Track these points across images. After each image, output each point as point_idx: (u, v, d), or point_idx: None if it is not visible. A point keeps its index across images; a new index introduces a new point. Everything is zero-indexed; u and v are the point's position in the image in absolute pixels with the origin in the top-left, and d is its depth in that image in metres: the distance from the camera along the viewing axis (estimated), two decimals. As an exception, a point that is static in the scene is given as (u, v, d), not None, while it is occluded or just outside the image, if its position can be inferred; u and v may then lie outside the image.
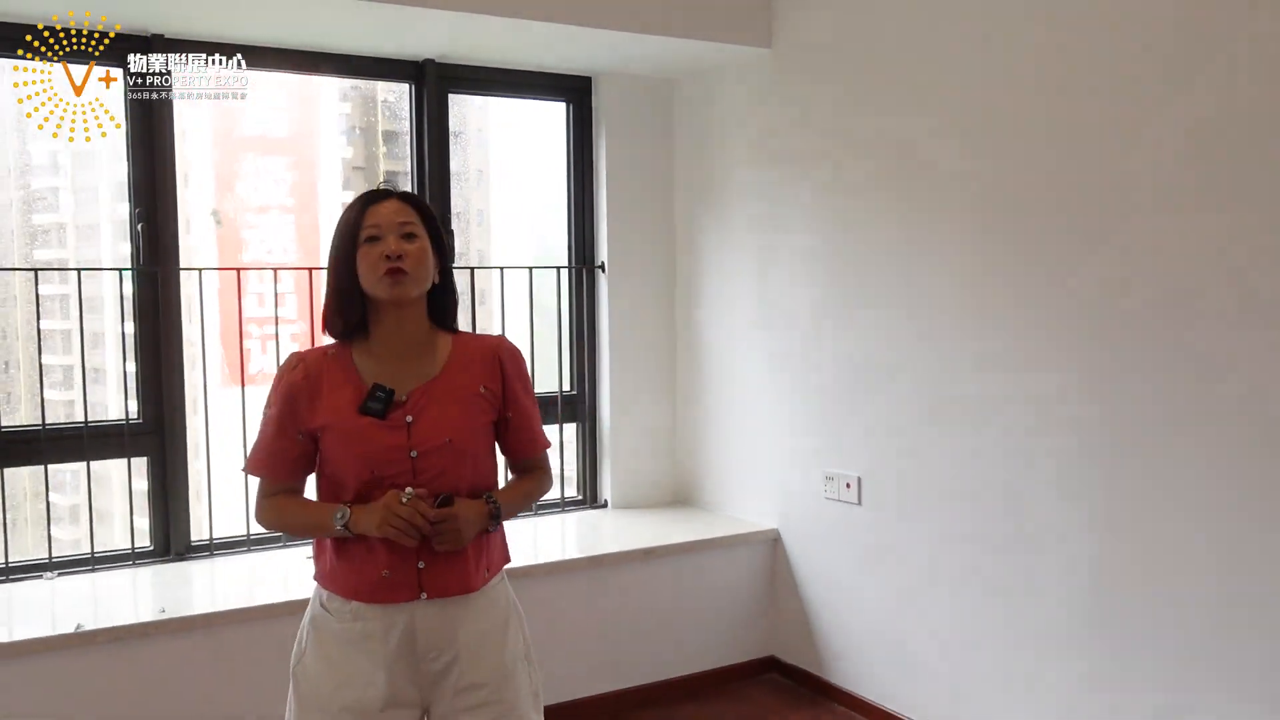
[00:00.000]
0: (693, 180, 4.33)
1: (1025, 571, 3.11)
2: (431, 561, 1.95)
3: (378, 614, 1.95)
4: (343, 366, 2.01)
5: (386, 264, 1.93)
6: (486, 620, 2.01)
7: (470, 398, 2.02)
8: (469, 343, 2.10)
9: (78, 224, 3.93)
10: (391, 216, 1.98)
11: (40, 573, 3.43)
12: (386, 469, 1.94)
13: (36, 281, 3.46)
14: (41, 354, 3.45)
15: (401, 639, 1.95)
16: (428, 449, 1.96)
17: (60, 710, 2.91)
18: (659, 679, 3.86)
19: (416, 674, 1.97)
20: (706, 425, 4.34)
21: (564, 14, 3.52)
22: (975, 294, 3.21)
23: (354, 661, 1.96)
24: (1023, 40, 3.05)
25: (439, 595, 1.96)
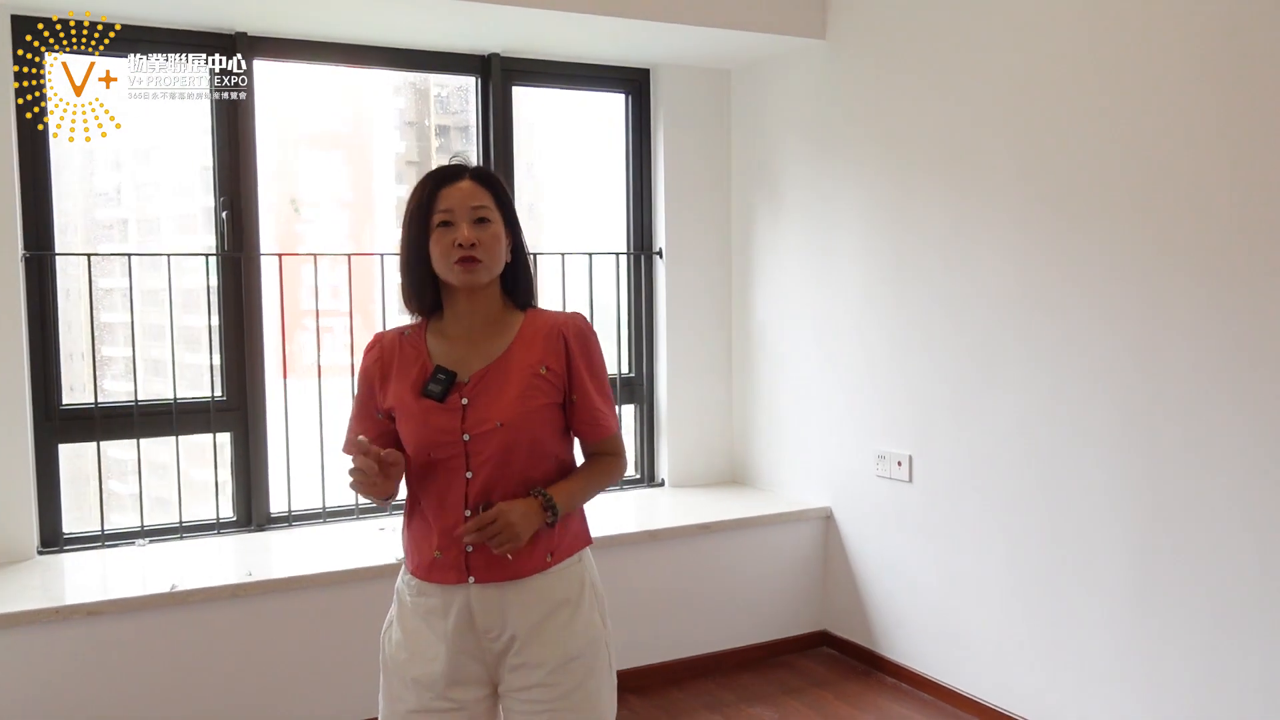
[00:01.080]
0: (748, 168, 4.46)
1: (1071, 547, 3.20)
2: (479, 546, 1.92)
3: (436, 592, 1.95)
4: (414, 347, 2.00)
5: (459, 252, 1.90)
6: (546, 602, 1.94)
7: (529, 379, 1.95)
8: (537, 320, 2.02)
9: (139, 219, 4.13)
10: (464, 200, 1.93)
11: (132, 540, 3.66)
12: (440, 452, 1.93)
13: (130, 269, 3.67)
14: (135, 339, 3.67)
15: (459, 617, 1.93)
16: (480, 432, 1.91)
17: (157, 662, 3.12)
18: (716, 649, 3.99)
19: (480, 650, 1.95)
20: (761, 406, 4.47)
21: (624, 8, 3.65)
22: (1022, 275, 3.30)
23: (421, 635, 1.96)
24: (1069, 29, 3.13)
25: (486, 580, 1.93)
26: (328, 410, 3.95)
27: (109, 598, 3.09)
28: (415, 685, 1.95)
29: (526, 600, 1.93)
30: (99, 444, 3.63)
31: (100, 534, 3.62)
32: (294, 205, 4.17)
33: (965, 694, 3.58)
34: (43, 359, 3.52)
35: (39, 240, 3.49)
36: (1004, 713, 3.44)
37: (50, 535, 3.56)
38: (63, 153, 3.56)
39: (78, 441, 3.60)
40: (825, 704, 3.68)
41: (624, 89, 4.47)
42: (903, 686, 3.80)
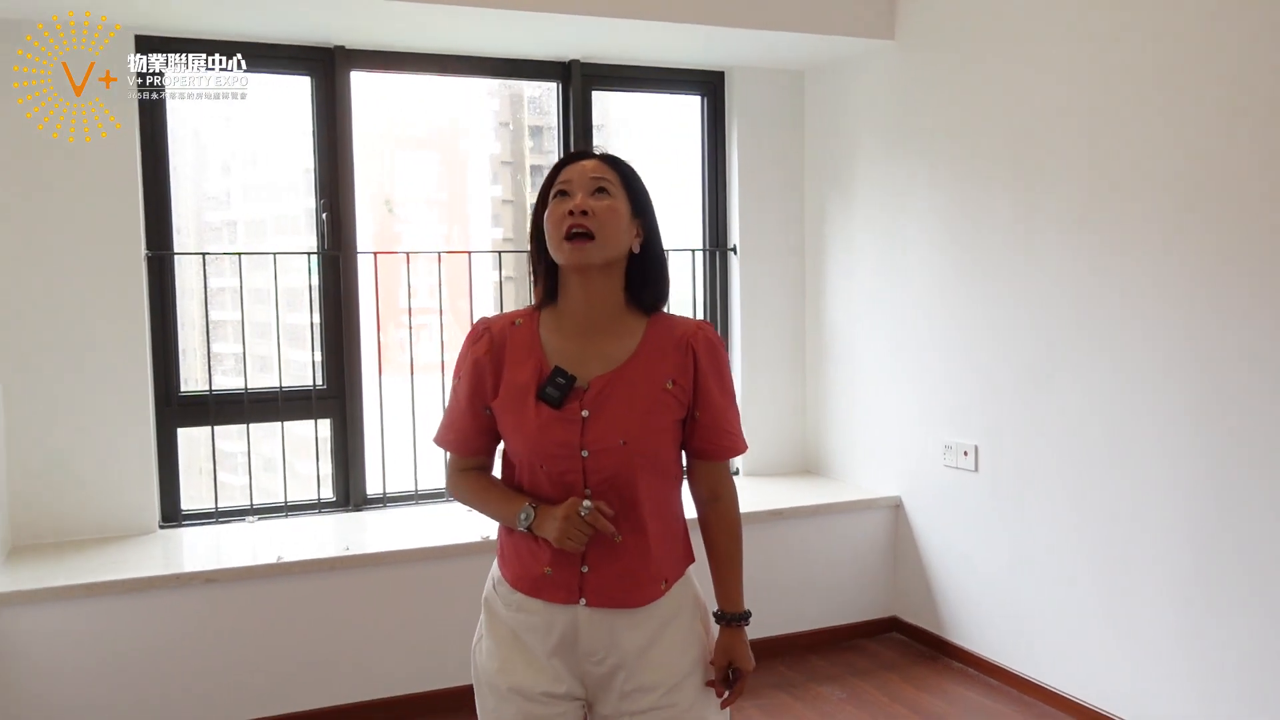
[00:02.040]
0: (821, 166, 4.59)
1: (1135, 536, 3.27)
2: (596, 565, 1.77)
3: (538, 609, 1.81)
4: (528, 338, 1.82)
5: (569, 221, 1.73)
6: (657, 621, 1.82)
7: (655, 393, 1.78)
8: (664, 327, 1.84)
9: (246, 220, 4.43)
10: (586, 172, 1.77)
11: (243, 517, 3.96)
12: (554, 465, 1.76)
13: (240, 266, 3.97)
14: (245, 331, 3.96)
15: (562, 638, 1.80)
16: (600, 449, 1.75)
17: (264, 624, 3.41)
18: (786, 632, 4.14)
19: (579, 671, 1.82)
20: (832, 398, 4.59)
21: (699, 15, 3.82)
22: (1088, 269, 3.38)
23: (515, 649, 1.82)
24: (1135, 28, 3.20)
25: (600, 605, 1.78)
26: (420, 399, 4.20)
27: (223, 567, 3.39)
28: (512, 695, 1.81)
29: (637, 624, 1.80)
30: (213, 428, 3.94)
31: (214, 511, 3.93)
32: (388, 206, 4.44)
33: (1031, 679, 3.67)
34: (163, 351, 3.83)
35: (159, 241, 3.80)
36: (1069, 698, 3.52)
37: (170, 511, 3.88)
38: (179, 159, 3.87)
39: (194, 426, 3.92)
40: (892, 686, 3.80)
41: (699, 91, 4.64)
42: (969, 671, 3.90)
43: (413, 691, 3.58)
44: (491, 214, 5.09)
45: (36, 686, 3.19)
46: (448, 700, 3.55)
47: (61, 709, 3.22)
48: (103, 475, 3.69)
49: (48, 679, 3.20)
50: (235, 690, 3.39)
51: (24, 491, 3.59)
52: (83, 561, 3.42)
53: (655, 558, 1.81)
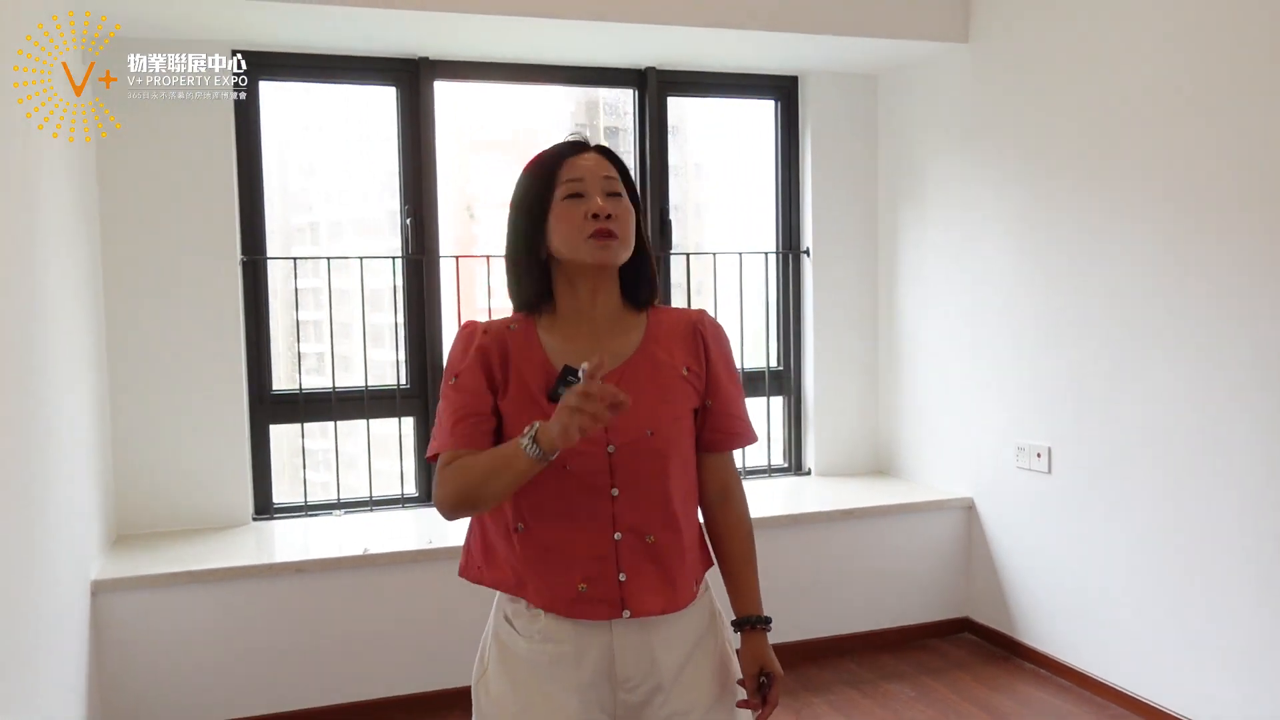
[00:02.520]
0: (893, 169, 4.62)
1: (1208, 539, 3.26)
2: (635, 572, 1.68)
3: (569, 636, 1.68)
4: (528, 343, 1.72)
5: (594, 224, 1.65)
6: (691, 636, 1.75)
7: (672, 381, 1.74)
8: (666, 318, 1.79)
9: (328, 222, 4.60)
10: (595, 170, 1.70)
11: (329, 511, 4.12)
12: (579, 464, 1.65)
13: (329, 270, 4.13)
14: (333, 332, 4.13)
15: (596, 667, 1.69)
16: (626, 442, 1.67)
17: (350, 612, 3.56)
18: (857, 630, 4.18)
19: (613, 704, 1.71)
20: (905, 399, 4.62)
21: (773, 23, 3.88)
22: (1160, 274, 3.37)
23: (541, 688, 1.68)
24: (1207, 32, 3.20)
25: (642, 613, 1.68)
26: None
27: (312, 557, 3.54)
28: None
29: (671, 639, 1.72)
30: (302, 425, 4.11)
31: (303, 505, 4.10)
32: (469, 211, 4.57)
33: (1104, 681, 3.66)
34: (256, 351, 4.01)
35: (252, 245, 3.98)
36: (1142, 700, 3.52)
37: (262, 504, 4.05)
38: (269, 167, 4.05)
39: (285, 423, 4.09)
40: (963, 685, 3.82)
41: (773, 95, 4.70)
42: (1041, 672, 3.90)
43: (492, 681, 3.70)
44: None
45: (139, 666, 3.37)
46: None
47: (161, 687, 3.40)
48: (200, 470, 3.88)
49: (150, 659, 3.39)
50: (322, 674, 3.55)
51: (128, 485, 3.79)
52: (182, 551, 3.60)
53: (690, 555, 1.74)
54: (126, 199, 3.73)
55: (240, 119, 3.90)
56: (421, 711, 3.60)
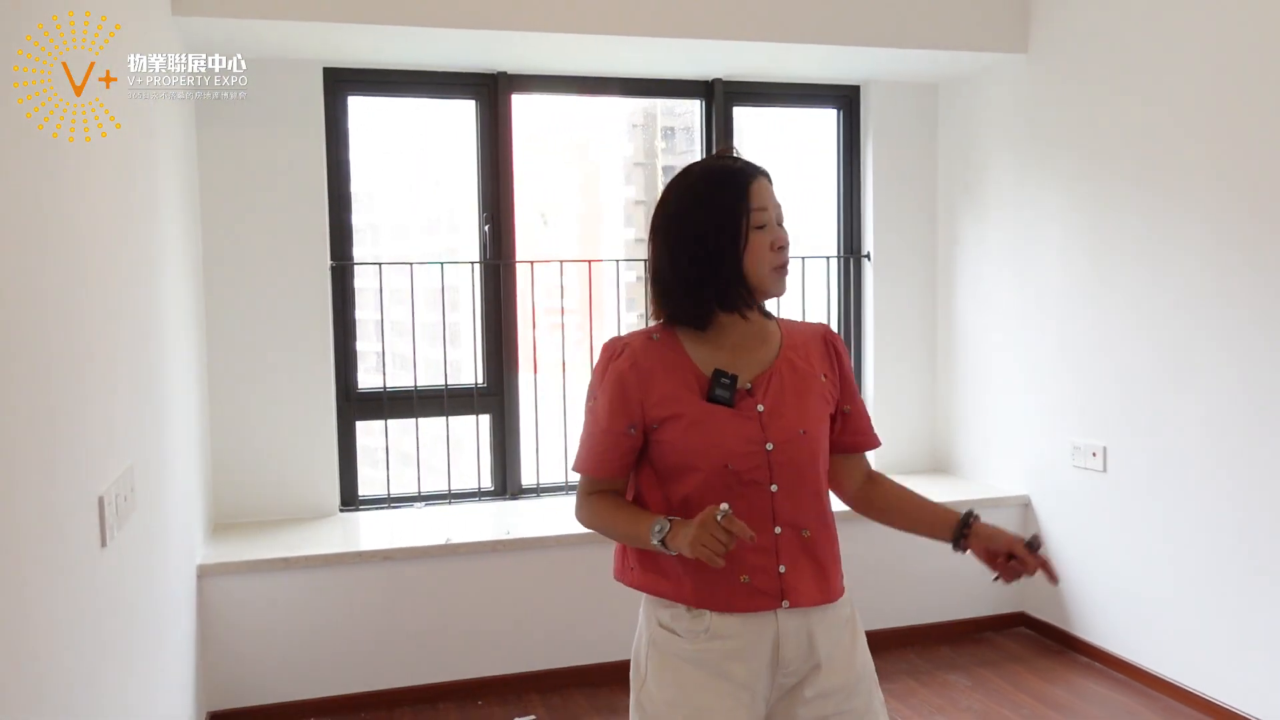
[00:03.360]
0: (953, 176, 4.74)
1: (1261, 537, 3.35)
2: (792, 563, 1.77)
3: (737, 629, 1.74)
4: (672, 352, 1.81)
5: (778, 256, 1.79)
6: (838, 627, 1.83)
7: (815, 385, 1.84)
8: (795, 328, 1.92)
9: (388, 224, 4.81)
10: (772, 198, 1.82)
11: (411, 503, 4.35)
12: (741, 462, 1.74)
13: (411, 274, 4.36)
14: (415, 333, 4.36)
15: (766, 654, 1.76)
16: (783, 440, 1.76)
17: (434, 597, 3.79)
18: (916, 623, 4.32)
19: (769, 688, 1.78)
20: (963, 399, 4.74)
21: (836, 36, 4.03)
22: (1215, 277, 3.47)
23: (712, 686, 1.74)
24: (1262, 39, 3.29)
25: (800, 604, 1.76)
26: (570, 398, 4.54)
27: (398, 546, 3.77)
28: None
29: (828, 626, 1.81)
30: (386, 421, 4.35)
31: (387, 497, 4.34)
32: (543, 219, 4.78)
33: (1154, 673, 3.77)
34: (343, 351, 4.25)
35: (340, 251, 4.21)
36: (1192, 691, 3.62)
37: (348, 496, 4.30)
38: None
39: (370, 419, 4.33)
40: (1018, 676, 3.95)
41: (835, 105, 4.84)
42: (1095, 665, 4.01)
43: (566, 665, 3.91)
44: (625, 215, 5.38)
45: (240, 645, 3.63)
46: (595, 674, 3.88)
47: (260, 665, 3.65)
48: (291, 464, 4.13)
49: (249, 639, 3.64)
50: (407, 656, 3.78)
51: (224, 477, 4.05)
52: (276, 539, 3.85)
53: (837, 550, 1.85)
54: (226, 205, 3.98)
55: (330, 131, 4.14)
56: (501, 694, 3.82)
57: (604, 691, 3.82)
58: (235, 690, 3.63)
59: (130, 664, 2.39)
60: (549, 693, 3.85)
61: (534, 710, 3.72)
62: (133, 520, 2.40)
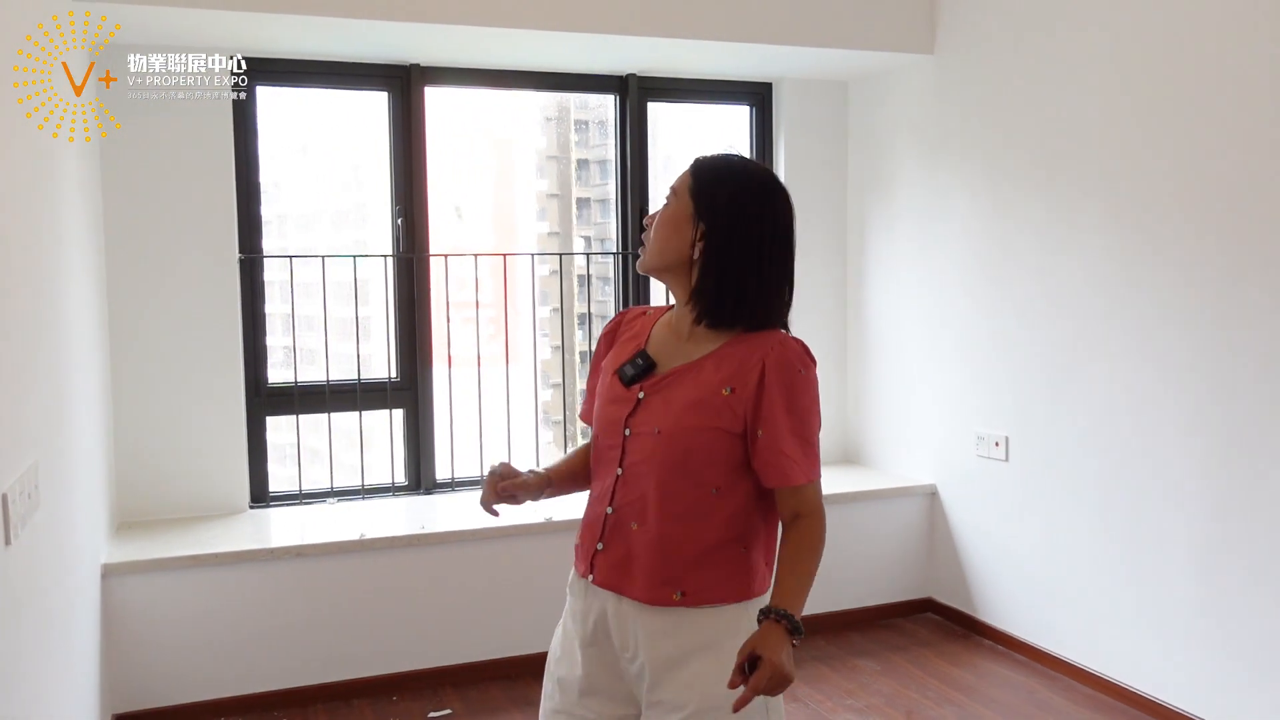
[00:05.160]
0: (863, 172, 4.84)
1: (1154, 521, 3.51)
2: (608, 545, 1.83)
3: (580, 590, 1.89)
4: (642, 327, 1.94)
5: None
6: (687, 643, 1.76)
7: (709, 394, 1.77)
8: (745, 343, 1.80)
9: (298, 217, 4.75)
10: (676, 183, 1.87)
11: (324, 499, 4.30)
12: (603, 439, 1.87)
13: (323, 267, 4.30)
14: (327, 327, 4.30)
15: (595, 626, 1.84)
16: (639, 432, 1.80)
17: (348, 594, 3.75)
18: (827, 611, 4.41)
19: (618, 666, 1.83)
20: (872, 392, 4.85)
21: (748, 33, 4.09)
22: (1111, 272, 3.62)
23: (567, 636, 1.90)
24: (1165, 41, 3.44)
25: (603, 585, 1.83)
26: (484, 392, 4.53)
27: (311, 542, 3.73)
28: (555, 686, 1.89)
29: (667, 633, 1.77)
30: (297, 417, 4.28)
31: (299, 493, 4.28)
32: (457, 212, 4.75)
33: (1056, 655, 3.91)
34: (252, 345, 4.17)
35: (249, 244, 4.14)
36: (1091, 672, 3.77)
37: (259, 493, 4.22)
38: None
39: (281, 414, 4.26)
40: (925, 660, 4.06)
41: (748, 101, 4.90)
42: (999, 649, 4.15)
43: (482, 659, 3.90)
44: (539, 208, 5.39)
45: (146, 646, 3.55)
46: (511, 667, 3.89)
47: (168, 666, 3.58)
48: (199, 460, 4.04)
49: (157, 639, 3.56)
50: (320, 654, 3.73)
51: (130, 474, 3.95)
52: (184, 536, 3.77)
53: (667, 561, 1.76)
54: (128, 198, 3.88)
55: (238, 122, 4.06)
56: (416, 689, 3.80)
57: (520, 684, 3.82)
58: (142, 691, 3.55)
59: (33, 665, 2.33)
60: (465, 687, 3.84)
61: (450, 704, 3.71)
62: (36, 518, 2.33)
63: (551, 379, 5.08)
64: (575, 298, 4.87)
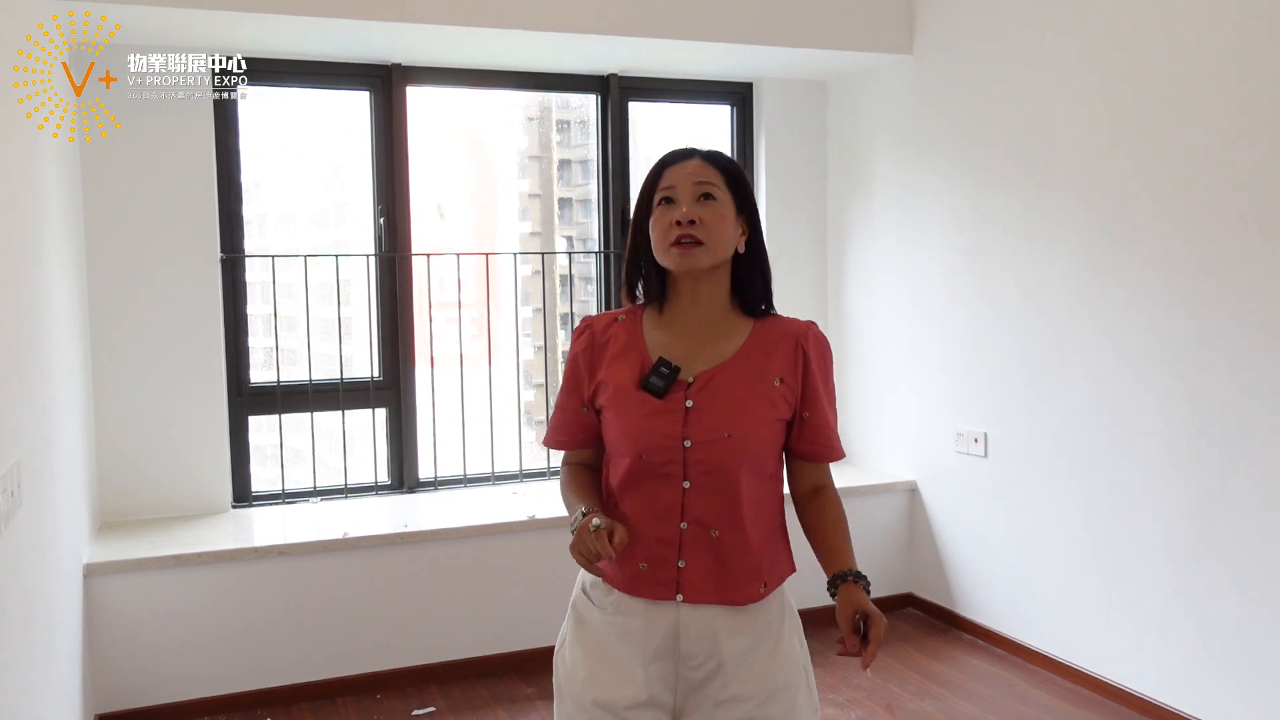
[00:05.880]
0: (843, 170, 4.88)
1: (1130, 517, 3.55)
2: (693, 560, 1.77)
3: (639, 610, 1.79)
4: (630, 334, 1.85)
5: (677, 231, 1.75)
6: (753, 632, 1.79)
7: (763, 388, 1.79)
8: (773, 326, 1.84)
9: (280, 216, 4.75)
10: (689, 176, 1.79)
11: (306, 498, 4.31)
12: (656, 455, 1.76)
13: (305, 266, 4.31)
14: (309, 326, 4.31)
15: (663, 641, 1.78)
16: (703, 440, 1.75)
17: (332, 592, 3.76)
18: (811, 606, 4.42)
19: (675, 678, 1.80)
20: (853, 389, 4.89)
21: (728, 34, 4.12)
22: (1088, 268, 3.66)
23: (605, 658, 1.80)
24: (1140, 44, 3.48)
25: (695, 600, 1.77)
26: (467, 391, 4.54)
27: (294, 541, 3.73)
28: (597, 709, 1.78)
29: (738, 628, 1.78)
30: (280, 416, 4.29)
31: (282, 493, 4.28)
32: (439, 211, 4.76)
33: (1035, 649, 3.96)
34: (234, 345, 4.18)
35: (230, 243, 4.14)
36: (1068, 665, 3.81)
37: (241, 492, 4.23)
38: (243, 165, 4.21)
39: (264, 414, 4.26)
40: (906, 655, 4.10)
41: (729, 101, 4.93)
42: (978, 643, 4.19)
43: (465, 656, 3.92)
44: (520, 208, 5.40)
45: (129, 645, 3.55)
46: (495, 664, 3.91)
47: (151, 664, 3.58)
48: (181, 460, 4.04)
49: (139, 638, 3.56)
50: (304, 652, 3.74)
51: (112, 474, 3.95)
52: (166, 536, 3.77)
53: (755, 556, 1.79)
54: (110, 198, 3.88)
55: (219, 121, 4.06)
56: (401, 687, 3.82)
57: (504, 682, 3.85)
58: (125, 691, 3.55)
59: (14, 665, 2.33)
60: (449, 684, 3.85)
61: (434, 702, 3.73)
62: (18, 518, 2.34)
63: (534, 379, 5.09)
64: (558, 297, 4.90)
